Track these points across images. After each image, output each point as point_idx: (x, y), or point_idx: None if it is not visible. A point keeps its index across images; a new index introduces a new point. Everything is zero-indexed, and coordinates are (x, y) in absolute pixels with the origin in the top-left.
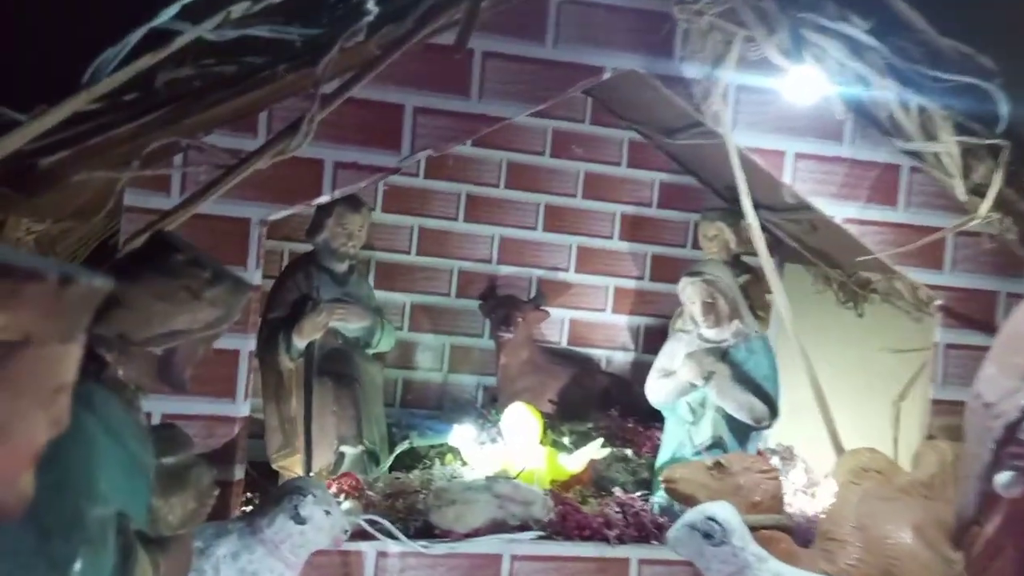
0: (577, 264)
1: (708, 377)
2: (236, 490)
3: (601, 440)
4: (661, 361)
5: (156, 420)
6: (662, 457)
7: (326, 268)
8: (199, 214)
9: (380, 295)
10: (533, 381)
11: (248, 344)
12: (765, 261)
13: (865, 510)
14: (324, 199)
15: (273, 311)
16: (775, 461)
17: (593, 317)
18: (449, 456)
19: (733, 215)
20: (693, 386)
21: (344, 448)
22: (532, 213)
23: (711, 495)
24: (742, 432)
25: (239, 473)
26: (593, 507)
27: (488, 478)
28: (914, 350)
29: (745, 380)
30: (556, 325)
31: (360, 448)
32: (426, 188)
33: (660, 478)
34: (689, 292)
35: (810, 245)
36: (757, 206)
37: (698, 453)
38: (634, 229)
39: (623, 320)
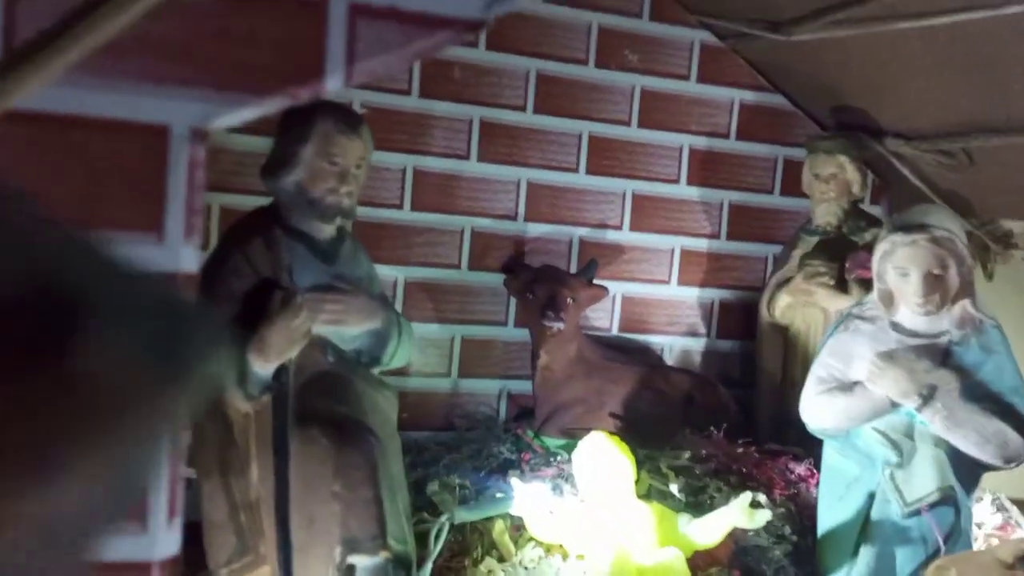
0: (632, 219)
1: (929, 395)
2: None
3: (749, 495)
4: (827, 364)
5: None
6: (832, 516)
7: (302, 233)
8: (50, 116)
9: None
10: (586, 387)
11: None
12: None
13: None
14: (328, 87)
15: None
16: (995, 520)
17: (653, 291)
18: (500, 528)
19: (858, 145)
20: (894, 406)
21: (355, 558)
22: (571, 148)
23: None
24: (970, 476)
25: None
26: None
27: None
28: None
29: (984, 395)
30: (604, 304)
31: (384, 555)
32: (422, 112)
33: None
34: (904, 258)
35: (941, 187)
36: (881, 133)
37: (914, 514)
38: (706, 169)
39: (692, 294)
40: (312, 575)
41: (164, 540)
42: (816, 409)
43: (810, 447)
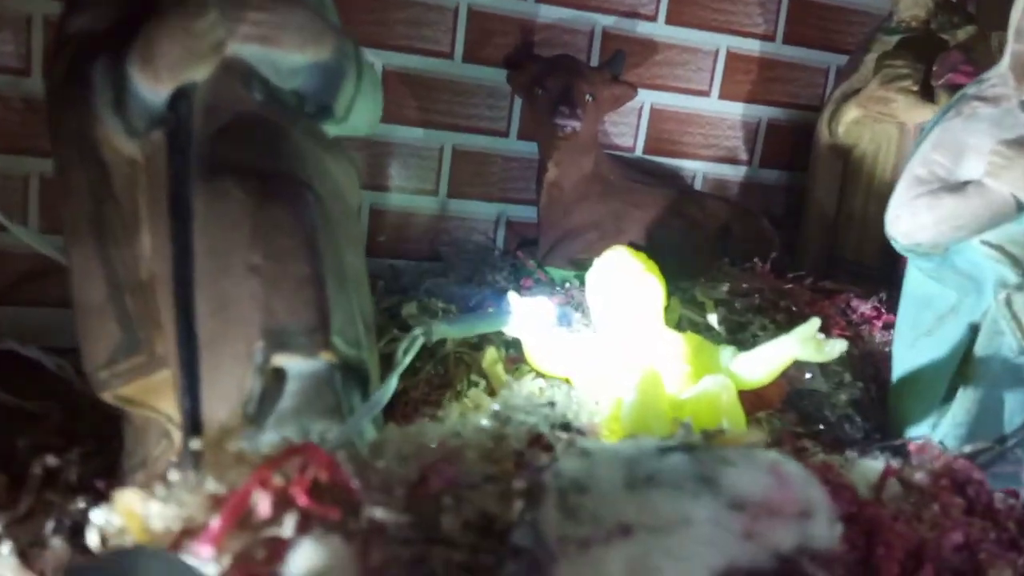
0: (669, 7)
1: None
2: None
3: (817, 321)
4: (930, 161)
5: None
6: (916, 355)
7: None
8: None
9: None
10: (602, 210)
11: None
12: None
13: None
14: None
15: (77, 14)
16: None
17: (688, 104)
18: (492, 357)
19: None
20: (1021, 209)
21: (283, 358)
22: None
23: None
24: None
25: None
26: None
27: (687, 448)
28: None
29: None
30: (627, 118)
31: (326, 357)
32: None
33: None
34: None
35: None
36: None
37: None
38: None
39: (735, 111)
40: (225, 381)
41: None
42: (912, 217)
43: (868, 289)
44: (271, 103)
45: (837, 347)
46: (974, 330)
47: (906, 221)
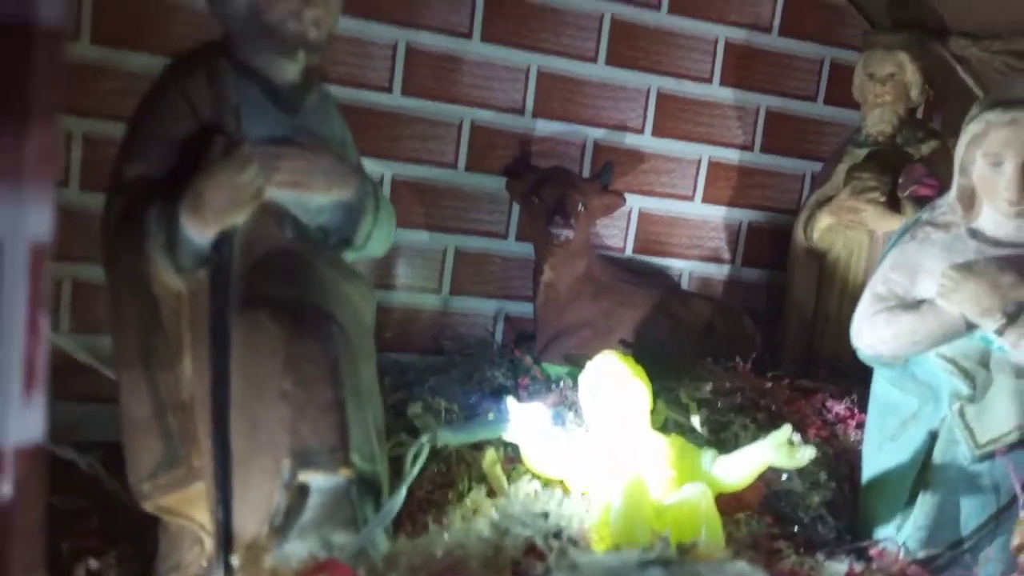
0: (655, 121)
1: (1015, 314)
2: None
3: (789, 428)
4: (888, 279)
5: None
6: (882, 459)
7: (255, 72)
8: None
9: None
10: (594, 309)
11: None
12: None
13: None
14: None
15: (133, 163)
16: None
17: (674, 208)
18: (491, 459)
19: (920, 43)
20: (970, 328)
21: (308, 476)
22: (590, 32)
23: None
24: None
25: None
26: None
27: (664, 562)
28: None
29: None
30: (618, 221)
31: (345, 473)
32: None
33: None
34: (1000, 141)
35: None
36: (944, 32)
37: (986, 457)
38: (743, 67)
39: (718, 214)
40: (254, 494)
41: (19, 422)
42: (872, 331)
43: (843, 388)
44: (300, 239)
45: (807, 454)
46: (934, 436)
47: (868, 335)
